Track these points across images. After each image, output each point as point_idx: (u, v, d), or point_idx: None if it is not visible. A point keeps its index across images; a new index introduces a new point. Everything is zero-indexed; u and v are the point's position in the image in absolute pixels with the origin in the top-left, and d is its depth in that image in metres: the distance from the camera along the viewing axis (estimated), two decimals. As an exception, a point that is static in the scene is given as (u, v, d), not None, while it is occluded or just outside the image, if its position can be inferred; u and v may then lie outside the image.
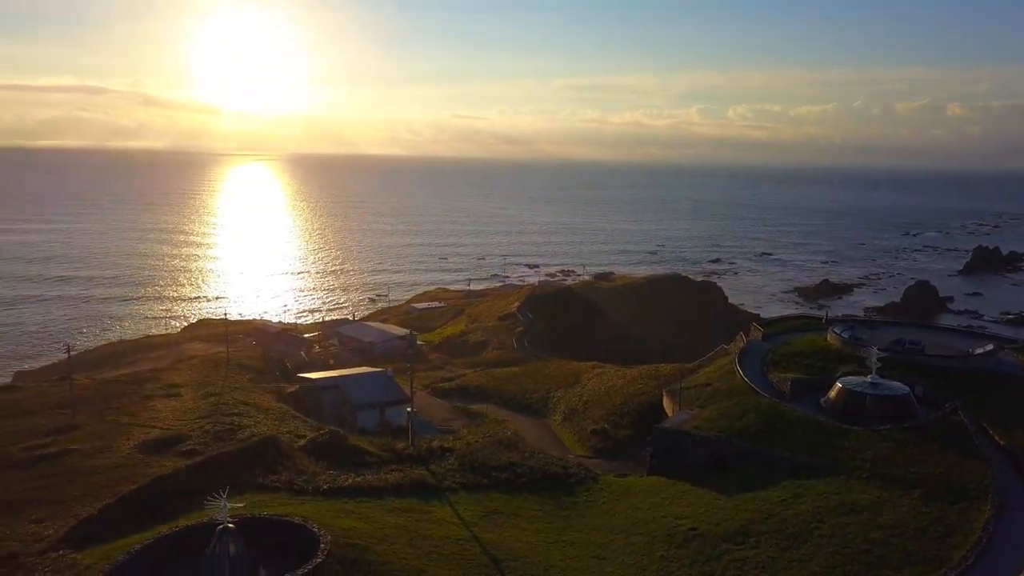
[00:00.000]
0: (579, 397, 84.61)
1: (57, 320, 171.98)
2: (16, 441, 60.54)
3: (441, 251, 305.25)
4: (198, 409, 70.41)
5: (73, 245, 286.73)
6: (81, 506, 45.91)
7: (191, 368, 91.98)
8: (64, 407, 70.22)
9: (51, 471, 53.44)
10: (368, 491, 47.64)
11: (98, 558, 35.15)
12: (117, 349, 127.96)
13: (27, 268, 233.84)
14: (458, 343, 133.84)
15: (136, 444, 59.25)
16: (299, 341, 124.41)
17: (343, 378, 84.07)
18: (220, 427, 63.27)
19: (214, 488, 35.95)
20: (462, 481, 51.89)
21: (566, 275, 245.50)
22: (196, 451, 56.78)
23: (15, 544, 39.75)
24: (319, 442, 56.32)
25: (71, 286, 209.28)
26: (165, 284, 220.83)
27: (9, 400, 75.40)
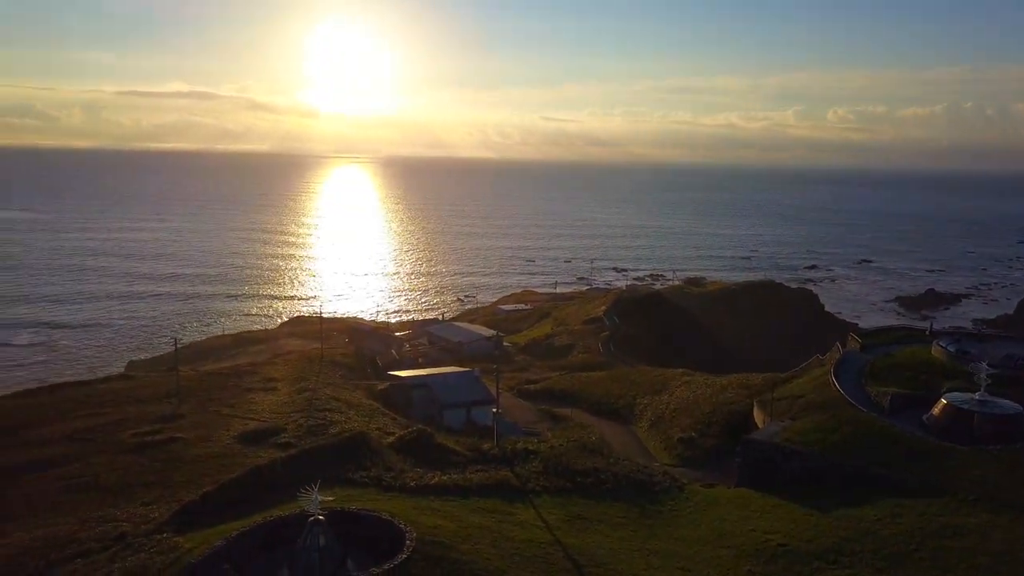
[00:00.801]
0: (666, 404, 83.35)
1: (167, 315, 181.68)
2: (128, 427, 64.28)
3: (528, 254, 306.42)
4: (293, 403, 73.02)
5: (182, 244, 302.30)
6: (184, 491, 48.34)
7: (287, 363, 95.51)
8: (171, 397, 74.16)
9: (158, 457, 56.49)
10: (453, 490, 48.28)
11: (198, 542, 36.90)
12: (219, 343, 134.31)
13: (141, 265, 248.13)
14: (544, 346, 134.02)
15: (235, 435, 61.93)
16: (390, 339, 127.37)
17: (431, 377, 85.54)
18: (313, 421, 65.41)
19: (306, 481, 37.24)
20: (546, 484, 51.93)
21: (655, 279, 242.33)
22: (291, 444, 58.91)
23: (126, 525, 42.23)
24: (407, 440, 57.47)
25: (179, 283, 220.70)
26: (264, 282, 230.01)
27: (123, 388, 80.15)
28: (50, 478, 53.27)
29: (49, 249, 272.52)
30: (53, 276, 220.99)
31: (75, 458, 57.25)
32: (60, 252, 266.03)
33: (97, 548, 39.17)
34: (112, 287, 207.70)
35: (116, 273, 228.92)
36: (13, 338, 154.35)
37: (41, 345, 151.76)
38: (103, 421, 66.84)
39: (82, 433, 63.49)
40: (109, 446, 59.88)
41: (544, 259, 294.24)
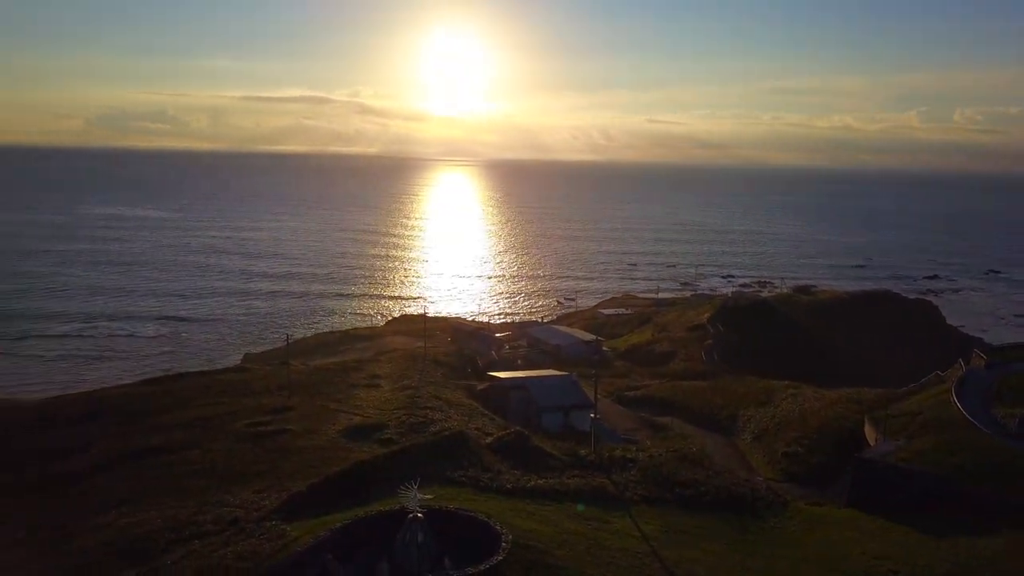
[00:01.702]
0: (771, 417, 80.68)
1: (280, 310, 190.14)
2: (242, 417, 67.77)
3: (630, 258, 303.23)
4: (396, 400, 75.01)
5: (296, 243, 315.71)
6: (292, 481, 50.49)
7: (391, 361, 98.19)
8: (282, 390, 77.63)
9: (269, 447, 59.27)
10: (550, 494, 48.33)
11: (304, 531, 38.44)
12: (328, 339, 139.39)
13: (257, 263, 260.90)
14: (644, 352, 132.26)
15: (340, 429, 64.22)
16: (490, 340, 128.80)
17: (530, 379, 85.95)
18: (415, 419, 66.98)
19: (406, 477, 38.19)
20: (644, 494, 51.24)
21: (762, 287, 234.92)
22: (392, 440, 60.55)
23: (240, 510, 44.54)
24: (505, 441, 57.93)
25: (292, 281, 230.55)
26: (371, 282, 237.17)
27: (239, 380, 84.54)
28: (174, 462, 56.81)
29: (176, 246, 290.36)
30: (178, 272, 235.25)
31: (195, 444, 60.86)
32: (185, 249, 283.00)
33: (213, 531, 41.50)
34: (231, 284, 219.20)
35: (234, 270, 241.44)
36: (141, 330, 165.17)
37: (166, 337, 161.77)
38: (220, 410, 70.73)
39: (201, 421, 67.43)
40: (225, 434, 63.33)
41: (646, 263, 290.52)
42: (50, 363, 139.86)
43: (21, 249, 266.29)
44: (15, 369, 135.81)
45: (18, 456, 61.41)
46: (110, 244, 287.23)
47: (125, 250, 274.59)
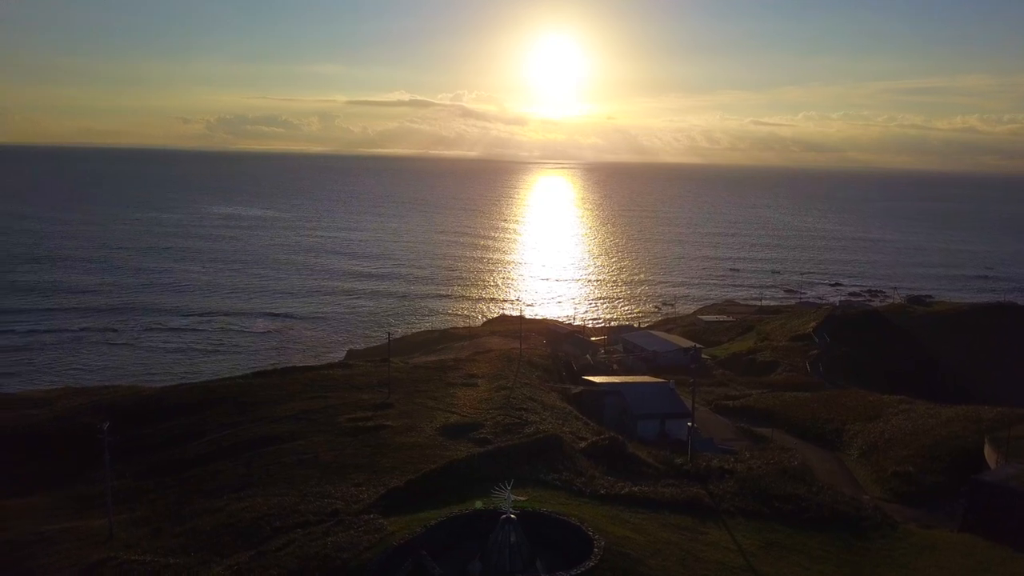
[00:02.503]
0: (880, 433, 76.94)
1: (382, 309, 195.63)
2: (344, 412, 70.04)
3: (732, 263, 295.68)
4: (492, 400, 75.78)
5: (398, 244, 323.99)
6: (390, 477, 51.83)
7: (488, 361, 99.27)
8: (382, 386, 79.79)
9: (370, 442, 61.01)
10: (644, 502, 47.78)
11: (400, 526, 39.43)
12: (427, 338, 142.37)
13: (361, 263, 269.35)
14: (745, 361, 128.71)
15: (437, 427, 65.43)
16: (586, 344, 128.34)
17: (625, 385, 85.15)
18: (510, 420, 67.46)
19: (501, 478, 38.61)
20: (741, 506, 49.91)
21: (873, 296, 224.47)
22: (487, 440, 61.20)
23: (340, 502, 46.12)
24: (600, 446, 57.64)
25: (394, 282, 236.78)
26: (469, 283, 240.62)
27: (342, 376, 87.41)
28: (281, 452, 59.37)
29: (286, 246, 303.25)
30: (287, 271, 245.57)
31: (300, 436, 63.37)
32: (295, 248, 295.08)
33: (315, 521, 43.14)
34: (335, 283, 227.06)
35: (339, 270, 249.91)
36: (252, 326, 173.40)
37: (275, 332, 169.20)
38: (324, 404, 73.35)
39: (306, 414, 70.10)
40: (328, 427, 65.63)
41: (750, 269, 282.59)
42: (170, 354, 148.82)
43: (147, 246, 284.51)
44: (139, 359, 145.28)
45: (141, 441, 65.59)
46: (226, 243, 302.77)
47: (239, 249, 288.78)
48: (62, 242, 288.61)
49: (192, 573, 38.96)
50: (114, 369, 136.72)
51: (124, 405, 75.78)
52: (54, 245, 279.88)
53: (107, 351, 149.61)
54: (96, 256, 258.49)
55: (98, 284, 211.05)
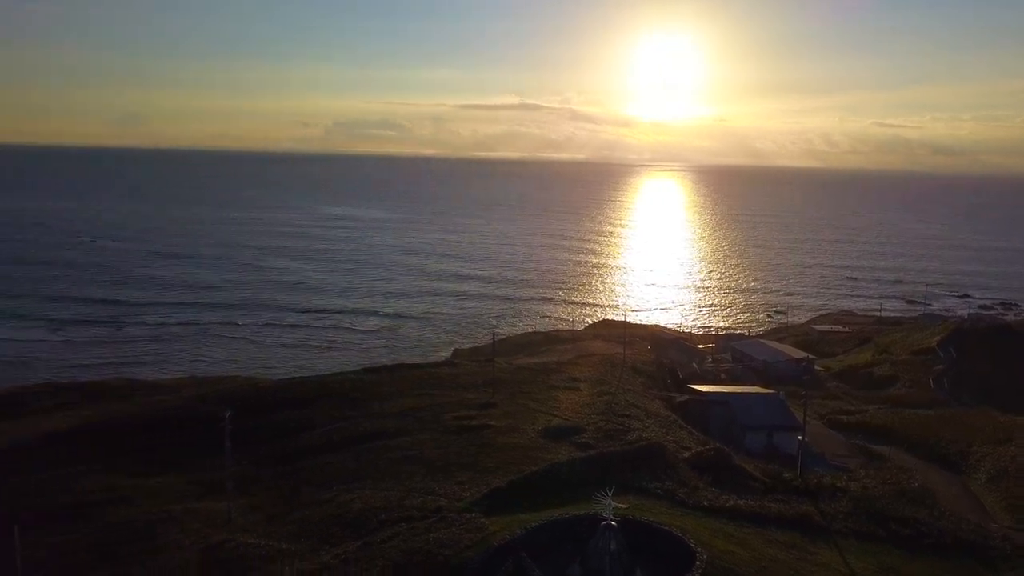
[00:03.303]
0: (1011, 458, 71.67)
1: (488, 310, 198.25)
2: (449, 410, 71.45)
3: (850, 271, 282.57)
4: (594, 404, 75.48)
5: (506, 246, 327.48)
6: (493, 476, 52.48)
7: (591, 365, 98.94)
8: (486, 386, 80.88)
9: (473, 441, 61.98)
10: (749, 516, 46.37)
11: (501, 526, 39.87)
12: (531, 340, 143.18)
13: (468, 265, 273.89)
14: (861, 374, 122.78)
15: (539, 429, 65.71)
16: (692, 351, 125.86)
17: (733, 395, 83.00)
18: (612, 425, 67.02)
19: (601, 483, 38.39)
20: (854, 527, 47.64)
21: (1006, 309, 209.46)
22: (589, 444, 61.01)
23: (443, 500, 47.11)
24: (704, 457, 56.45)
25: (499, 283, 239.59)
26: (574, 286, 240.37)
27: (447, 374, 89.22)
28: (388, 447, 61.19)
29: (396, 246, 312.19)
30: (397, 271, 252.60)
31: (406, 432, 65.11)
32: (405, 250, 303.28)
33: (418, 516, 44.23)
34: (443, 284, 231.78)
35: (447, 272, 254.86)
36: (363, 323, 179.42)
37: (385, 330, 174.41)
38: (430, 402, 75.08)
39: (413, 411, 71.95)
40: (433, 425, 67.13)
41: (869, 278, 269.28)
42: (285, 349, 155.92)
43: (267, 245, 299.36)
44: (257, 352, 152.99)
45: (258, 431, 69.01)
46: (340, 244, 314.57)
47: (352, 249, 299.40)
48: (191, 240, 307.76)
49: (303, 559, 40.69)
50: (234, 361, 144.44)
51: (243, 395, 79.90)
52: (184, 242, 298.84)
53: (228, 344, 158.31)
54: (221, 254, 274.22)
55: (222, 281, 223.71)
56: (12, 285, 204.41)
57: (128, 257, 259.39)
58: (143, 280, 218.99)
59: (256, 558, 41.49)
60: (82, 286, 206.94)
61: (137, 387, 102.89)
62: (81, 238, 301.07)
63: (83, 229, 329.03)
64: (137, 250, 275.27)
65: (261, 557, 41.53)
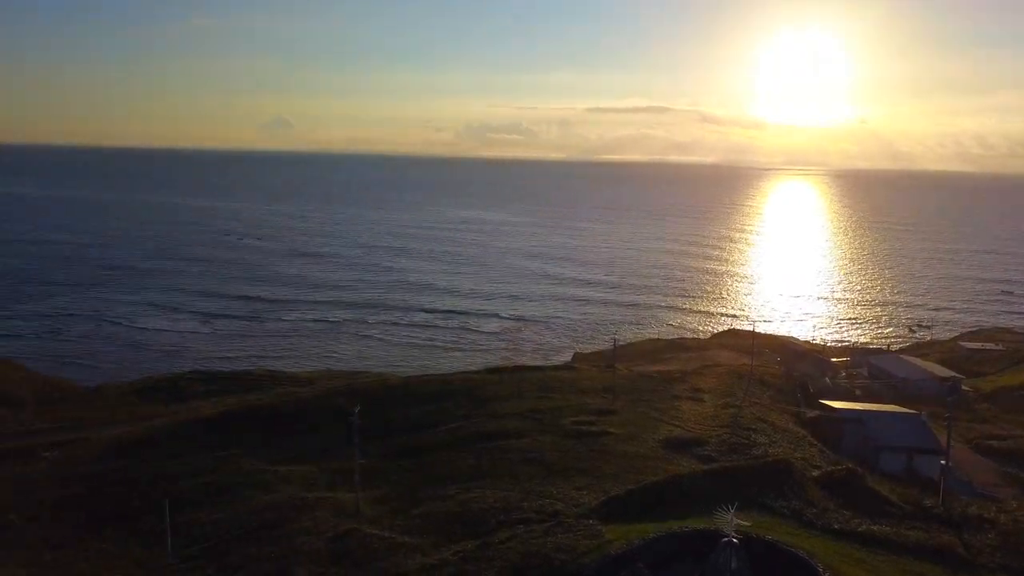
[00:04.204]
0: None
1: (609, 315, 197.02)
2: (569, 414, 71.67)
3: (1006, 285, 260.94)
4: (718, 417, 73.64)
5: (629, 251, 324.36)
6: (611, 483, 52.27)
7: (715, 375, 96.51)
8: (607, 392, 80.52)
9: (592, 446, 61.93)
10: (883, 543, 43.91)
11: (618, 535, 39.64)
12: (653, 347, 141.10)
13: (591, 271, 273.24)
14: (1016, 396, 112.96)
15: (660, 439, 64.81)
16: (825, 365, 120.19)
17: (869, 413, 78.70)
18: (736, 439, 65.18)
19: (723, 498, 37.44)
20: (1003, 563, 44.10)
21: None
22: (711, 457, 59.61)
23: (560, 504, 47.37)
24: (835, 477, 53.92)
25: (622, 289, 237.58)
26: (700, 293, 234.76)
27: (568, 378, 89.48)
28: (507, 448, 62.09)
29: (520, 250, 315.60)
30: (521, 275, 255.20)
31: (526, 434, 65.83)
32: (529, 254, 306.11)
33: (536, 519, 44.67)
34: (565, 288, 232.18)
35: (569, 276, 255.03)
36: (485, 325, 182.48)
37: (507, 332, 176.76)
38: (550, 405, 75.57)
39: (533, 413, 72.63)
40: (553, 428, 67.53)
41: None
42: (412, 348, 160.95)
43: (397, 247, 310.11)
44: (386, 350, 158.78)
45: (385, 425, 71.67)
46: (466, 247, 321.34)
47: (478, 253, 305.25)
48: (328, 240, 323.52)
49: (424, 554, 41.99)
50: (364, 358, 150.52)
51: (373, 391, 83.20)
52: (321, 242, 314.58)
53: (359, 341, 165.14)
54: (354, 254, 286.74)
55: (355, 280, 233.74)
56: (169, 279, 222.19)
57: (270, 255, 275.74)
58: (283, 278, 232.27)
59: (381, 549, 43.19)
60: (228, 282, 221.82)
61: (276, 378, 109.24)
62: (230, 236, 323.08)
63: (232, 228, 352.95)
64: (278, 249, 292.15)
65: (386, 549, 43.19)
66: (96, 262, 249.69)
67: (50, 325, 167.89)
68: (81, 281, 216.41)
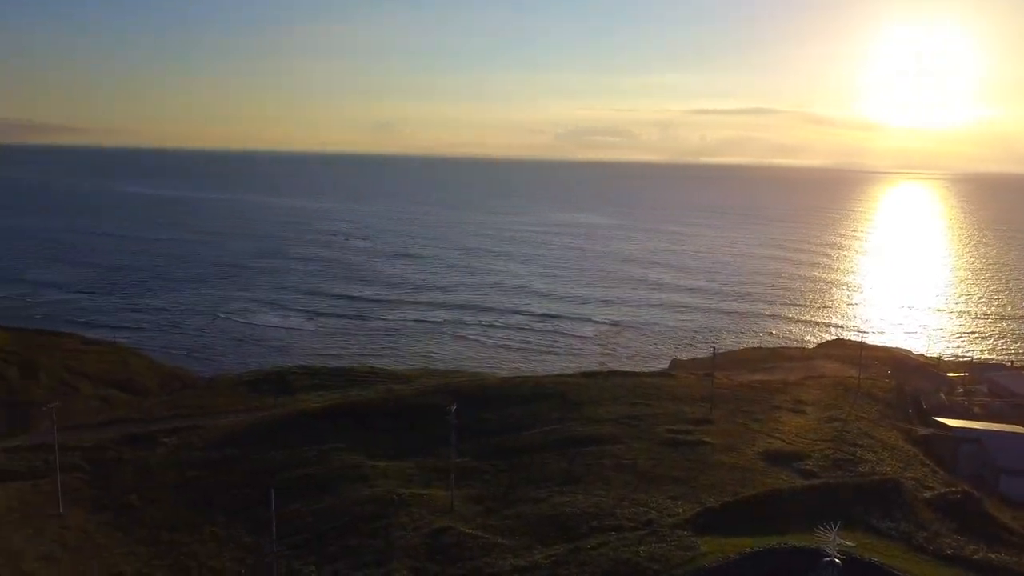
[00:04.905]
0: None
1: (709, 323, 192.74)
2: (664, 422, 70.66)
3: None
4: (821, 431, 70.97)
5: (730, 257, 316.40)
6: (706, 495, 51.26)
7: (819, 387, 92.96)
8: (704, 401, 78.89)
9: (687, 456, 60.88)
10: (1001, 573, 41.29)
11: (713, 547, 38.87)
12: (753, 355, 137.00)
13: (690, 276, 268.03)
14: None
15: (759, 451, 63.03)
16: (940, 380, 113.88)
17: (988, 433, 74.14)
18: (840, 455, 62.71)
19: (825, 516, 36.11)
20: None
21: None
22: (813, 473, 57.55)
23: (654, 512, 46.86)
24: (949, 500, 51.07)
25: (722, 296, 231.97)
26: (804, 301, 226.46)
27: (664, 385, 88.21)
28: (601, 453, 61.85)
29: (617, 254, 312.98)
30: (618, 279, 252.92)
31: (620, 440, 65.38)
32: (626, 258, 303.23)
33: (628, 527, 44.36)
34: (663, 294, 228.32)
35: (667, 282, 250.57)
36: (580, 329, 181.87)
37: (602, 337, 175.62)
38: (645, 411, 74.74)
39: (628, 419, 72.04)
40: (648, 435, 66.77)
41: None
42: (508, 350, 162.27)
43: (496, 250, 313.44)
44: (482, 351, 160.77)
45: (480, 425, 72.58)
46: (563, 250, 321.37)
47: (575, 256, 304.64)
48: (429, 242, 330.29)
49: (516, 555, 42.39)
50: (461, 359, 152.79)
51: (469, 391, 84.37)
52: (423, 244, 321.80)
53: (456, 342, 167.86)
54: (454, 257, 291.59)
55: (453, 283, 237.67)
56: (277, 277, 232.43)
57: (373, 256, 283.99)
58: (384, 278, 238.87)
59: (474, 548, 43.89)
60: (333, 281, 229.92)
61: (376, 375, 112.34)
62: (336, 237, 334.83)
63: (338, 228, 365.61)
64: (381, 250, 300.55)
65: (479, 548, 43.85)
66: (210, 260, 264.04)
67: (170, 319, 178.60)
68: (197, 278, 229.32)
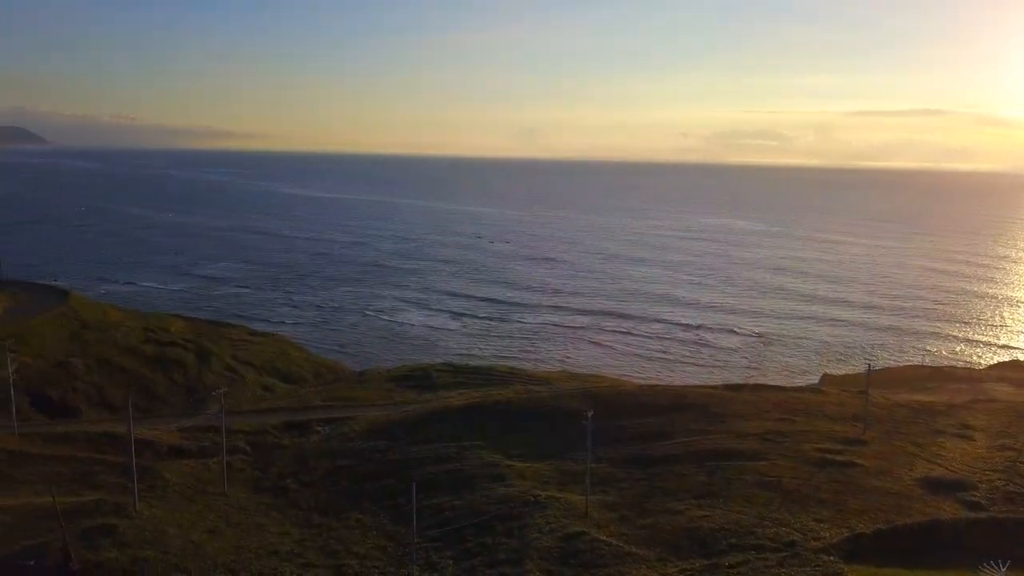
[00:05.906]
0: None
1: (865, 337, 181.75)
2: (812, 440, 67.48)
3: None
4: (991, 459, 65.37)
5: (890, 267, 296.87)
6: (856, 520, 48.54)
7: (990, 412, 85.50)
8: (857, 420, 74.61)
9: (836, 477, 57.84)
10: None
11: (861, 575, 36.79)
12: (914, 374, 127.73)
13: (846, 287, 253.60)
14: None
15: (917, 477, 58.93)
16: None
17: None
18: (1013, 487, 57.47)
19: (994, 553, 33.32)
20: None
21: None
22: (980, 505, 53.14)
23: (797, 534, 44.89)
24: None
25: (880, 310, 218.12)
26: (972, 317, 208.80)
27: (813, 401, 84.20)
28: (743, 469, 59.94)
29: (766, 264, 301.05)
30: (765, 290, 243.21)
31: (763, 456, 63.06)
32: (776, 268, 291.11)
33: (770, 547, 42.77)
34: (814, 307, 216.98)
35: (819, 295, 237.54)
36: (724, 340, 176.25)
37: (747, 349, 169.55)
38: (792, 428, 71.65)
39: (773, 435, 69.33)
40: (794, 453, 64.00)
41: None
42: (646, 359, 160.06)
43: (638, 256, 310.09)
44: (620, 358, 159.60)
45: (617, 431, 72.18)
46: (710, 258, 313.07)
47: (722, 265, 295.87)
48: (571, 246, 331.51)
49: (650, 566, 41.95)
50: (598, 364, 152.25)
51: (605, 396, 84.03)
52: (565, 248, 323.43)
53: (594, 348, 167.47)
54: (594, 262, 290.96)
55: (593, 288, 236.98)
56: (424, 278, 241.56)
57: (515, 259, 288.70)
58: (526, 281, 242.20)
59: (608, 555, 43.79)
60: (477, 283, 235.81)
61: (516, 375, 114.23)
62: (481, 239, 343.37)
63: (483, 231, 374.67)
64: (525, 253, 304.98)
65: (613, 555, 43.71)
66: (360, 259, 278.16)
67: (323, 315, 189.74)
68: (349, 276, 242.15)
